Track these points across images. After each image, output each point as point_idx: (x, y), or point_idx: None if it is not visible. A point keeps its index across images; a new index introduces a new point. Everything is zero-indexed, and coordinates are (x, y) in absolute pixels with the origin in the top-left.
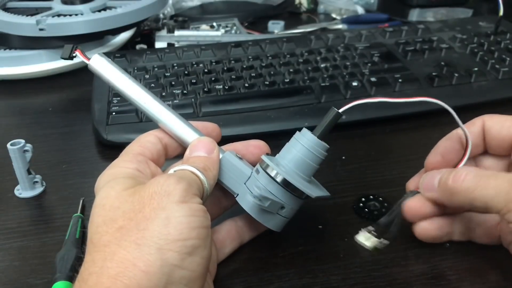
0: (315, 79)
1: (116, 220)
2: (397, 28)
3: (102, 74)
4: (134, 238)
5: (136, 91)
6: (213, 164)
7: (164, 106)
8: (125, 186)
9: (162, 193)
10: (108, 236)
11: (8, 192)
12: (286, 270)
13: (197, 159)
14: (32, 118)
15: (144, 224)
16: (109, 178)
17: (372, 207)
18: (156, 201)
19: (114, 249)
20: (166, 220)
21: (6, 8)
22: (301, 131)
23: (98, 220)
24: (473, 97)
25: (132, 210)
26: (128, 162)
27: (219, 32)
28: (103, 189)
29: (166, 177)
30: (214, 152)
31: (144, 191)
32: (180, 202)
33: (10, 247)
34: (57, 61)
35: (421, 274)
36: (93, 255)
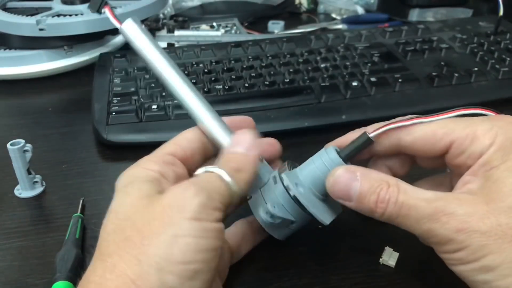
0: (315, 79)
1: (125, 230)
2: (397, 28)
3: (132, 42)
4: (136, 253)
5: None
6: (248, 164)
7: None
8: (142, 193)
9: (176, 206)
10: (114, 246)
11: (8, 192)
12: (286, 270)
13: (232, 157)
14: (32, 118)
15: (149, 240)
16: (129, 179)
17: None
18: (167, 214)
19: (116, 261)
20: (172, 239)
21: (6, 8)
22: (327, 149)
23: (109, 227)
24: (473, 97)
25: (142, 221)
26: (152, 162)
27: (219, 32)
28: (120, 193)
29: (184, 187)
30: (253, 150)
31: (159, 202)
32: (193, 219)
33: (10, 247)
34: (57, 61)
35: (421, 274)
36: (96, 264)
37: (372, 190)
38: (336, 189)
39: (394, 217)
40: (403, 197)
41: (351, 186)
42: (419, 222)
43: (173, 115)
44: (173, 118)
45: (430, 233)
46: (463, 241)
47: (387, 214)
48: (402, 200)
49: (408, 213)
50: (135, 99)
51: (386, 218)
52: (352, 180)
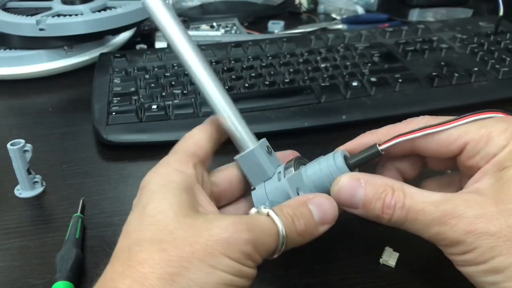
0: (315, 79)
1: (163, 243)
2: (397, 28)
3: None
4: (171, 271)
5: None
6: (311, 236)
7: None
8: (184, 207)
9: (223, 243)
10: (147, 256)
11: (8, 192)
12: (286, 270)
13: (306, 218)
14: (32, 118)
15: (188, 263)
16: (163, 180)
17: None
18: (212, 246)
19: (147, 273)
20: (210, 268)
21: (6, 8)
22: (335, 154)
23: (146, 233)
24: (473, 97)
25: (184, 241)
26: (184, 164)
27: (219, 32)
28: (157, 197)
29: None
30: (325, 226)
31: (207, 229)
32: (234, 260)
33: (10, 247)
34: (57, 61)
35: (421, 274)
36: (124, 268)
37: (377, 197)
38: (341, 197)
39: (401, 222)
40: (410, 201)
41: (356, 193)
42: (427, 226)
43: (173, 115)
44: (173, 118)
45: (438, 236)
46: (472, 243)
47: (394, 220)
48: (409, 205)
49: (415, 217)
50: (135, 99)
51: (394, 223)
52: (357, 187)
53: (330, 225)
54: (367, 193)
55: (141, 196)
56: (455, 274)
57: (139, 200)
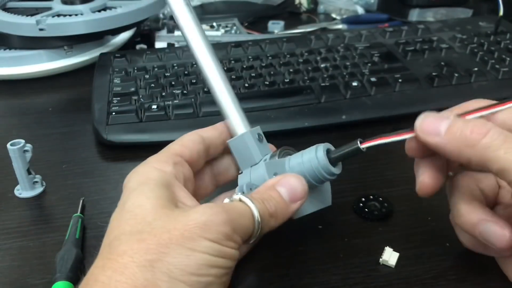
0: (315, 79)
1: (142, 234)
2: (397, 28)
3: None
4: (150, 258)
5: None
6: (285, 215)
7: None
8: (162, 200)
9: (201, 226)
10: (127, 247)
11: (8, 192)
12: (286, 270)
13: (275, 199)
14: (32, 118)
15: (167, 248)
16: (142, 178)
17: (372, 207)
18: (190, 229)
19: (127, 263)
20: (190, 251)
21: (6, 8)
22: (318, 147)
23: (125, 227)
24: (473, 97)
25: (162, 229)
26: (164, 163)
27: (219, 32)
28: (135, 193)
29: (216, 212)
30: (297, 203)
31: (184, 215)
32: (213, 241)
33: (10, 247)
34: (57, 61)
35: (421, 274)
36: (105, 262)
37: (467, 121)
38: (424, 123)
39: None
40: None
41: (442, 121)
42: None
43: (173, 115)
44: (173, 118)
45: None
46: None
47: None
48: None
49: None
50: (135, 99)
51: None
52: (444, 117)
53: (302, 201)
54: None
55: (122, 196)
56: (455, 274)
57: (120, 200)
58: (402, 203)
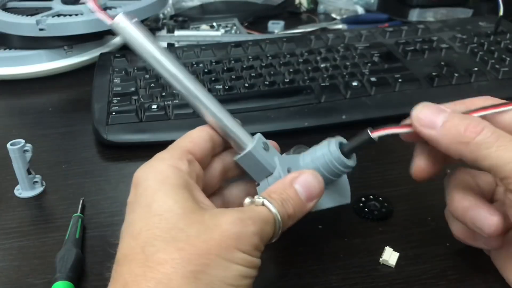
0: (315, 79)
1: (178, 242)
2: (397, 28)
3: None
4: (194, 269)
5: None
6: (301, 214)
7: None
8: (189, 204)
9: (235, 238)
10: (165, 255)
11: (8, 192)
12: (286, 270)
13: (293, 199)
14: (32, 118)
15: (207, 259)
16: (160, 177)
17: (372, 207)
18: (225, 241)
19: (170, 273)
20: (228, 263)
21: (6, 8)
22: (330, 141)
23: (156, 232)
24: (473, 97)
25: (197, 237)
26: (179, 160)
27: (219, 32)
28: (161, 194)
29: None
30: (313, 201)
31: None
32: (246, 253)
33: (10, 247)
34: (57, 61)
35: (421, 274)
36: (145, 270)
37: (464, 117)
38: (421, 114)
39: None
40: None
41: (439, 114)
42: None
43: (173, 115)
44: (173, 118)
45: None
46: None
47: (478, 140)
48: (500, 132)
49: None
50: (135, 99)
51: (475, 146)
52: (441, 110)
53: (318, 199)
54: (452, 115)
55: (138, 193)
56: (455, 274)
57: (138, 198)
58: (402, 203)
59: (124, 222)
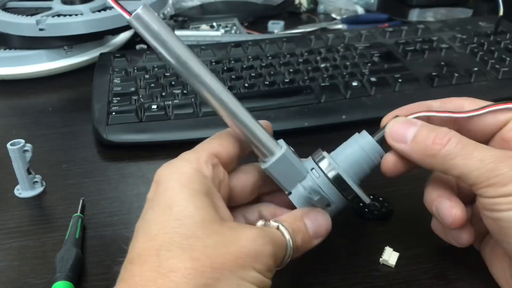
0: (315, 79)
1: (194, 251)
2: (397, 28)
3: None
4: (204, 282)
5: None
6: (306, 249)
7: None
8: (210, 214)
9: (252, 256)
10: (179, 263)
11: (8, 192)
12: (287, 270)
13: (302, 232)
14: (32, 118)
15: (220, 273)
16: (183, 180)
17: (372, 207)
18: (242, 256)
19: (181, 283)
20: (240, 280)
21: (6, 8)
22: (361, 133)
23: (174, 237)
24: (473, 97)
25: (214, 249)
26: (203, 164)
27: (219, 32)
28: (182, 197)
29: (265, 242)
30: (319, 239)
31: (235, 240)
32: (259, 272)
33: (10, 247)
34: (57, 61)
35: (421, 274)
36: (156, 276)
37: (431, 130)
38: (393, 130)
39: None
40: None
41: (409, 128)
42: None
43: (173, 115)
44: (173, 118)
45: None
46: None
47: (444, 152)
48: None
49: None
50: (135, 99)
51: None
52: (411, 124)
53: (323, 239)
54: (420, 129)
55: (159, 192)
56: (455, 274)
57: (158, 196)
58: (402, 203)
59: (141, 218)
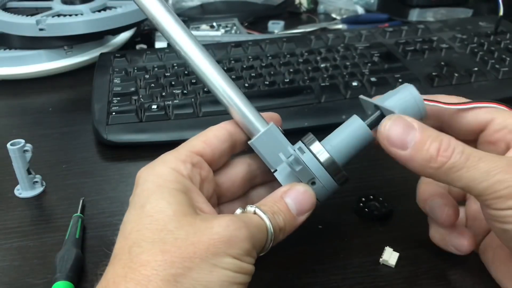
0: (315, 79)
1: (165, 243)
2: (397, 28)
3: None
4: (175, 272)
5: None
6: (292, 228)
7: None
8: (183, 207)
9: (225, 242)
10: (149, 256)
11: (8, 192)
12: (286, 270)
13: (284, 212)
14: (32, 118)
15: (191, 262)
16: (159, 181)
17: (372, 207)
18: (214, 245)
19: (150, 275)
20: (213, 267)
21: (6, 8)
22: (352, 118)
23: (146, 233)
24: (473, 97)
25: (185, 240)
26: (181, 163)
27: (219, 32)
28: (155, 196)
29: (238, 227)
30: (304, 215)
31: (208, 229)
32: (236, 258)
33: (10, 247)
34: (57, 61)
35: (421, 274)
36: (127, 271)
37: (433, 139)
38: (391, 134)
39: (457, 169)
40: (469, 149)
41: (409, 132)
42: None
43: (173, 115)
44: (173, 118)
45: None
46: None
47: (449, 165)
48: (469, 152)
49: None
50: (135, 99)
51: (445, 170)
52: (410, 127)
53: (309, 214)
54: (422, 134)
55: (136, 194)
56: (455, 274)
57: (135, 198)
58: (402, 203)
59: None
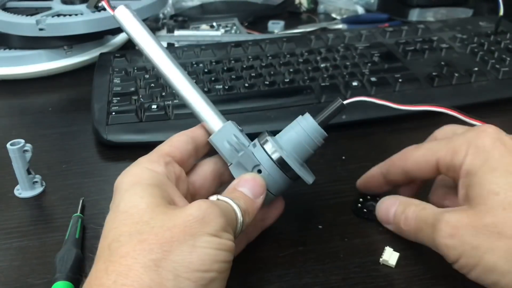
0: (315, 79)
1: (142, 234)
2: (397, 28)
3: (124, 27)
4: (155, 257)
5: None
6: (254, 210)
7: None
8: (156, 199)
9: (200, 220)
10: (129, 248)
11: (8, 192)
12: (286, 270)
13: (242, 198)
14: (32, 118)
15: (169, 246)
16: (134, 179)
17: (371, 207)
18: (190, 225)
19: (131, 264)
20: (192, 247)
21: (6, 8)
22: (304, 116)
23: (123, 228)
24: (473, 97)
25: (161, 228)
26: (155, 163)
27: (219, 32)
28: (128, 193)
29: (210, 205)
30: (260, 197)
31: (182, 212)
32: (213, 235)
33: (10, 247)
34: (57, 61)
35: (421, 274)
36: (107, 265)
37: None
38: (379, 211)
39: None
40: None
41: (390, 210)
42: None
43: (173, 115)
44: (173, 118)
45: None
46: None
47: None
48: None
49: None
50: (135, 99)
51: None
52: (392, 204)
53: (264, 195)
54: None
55: (115, 197)
56: (455, 274)
57: (113, 202)
58: None
59: None
